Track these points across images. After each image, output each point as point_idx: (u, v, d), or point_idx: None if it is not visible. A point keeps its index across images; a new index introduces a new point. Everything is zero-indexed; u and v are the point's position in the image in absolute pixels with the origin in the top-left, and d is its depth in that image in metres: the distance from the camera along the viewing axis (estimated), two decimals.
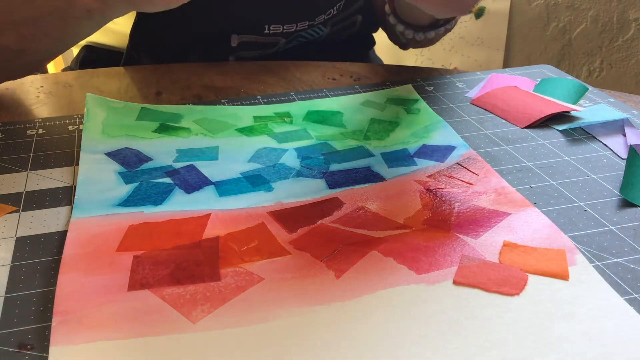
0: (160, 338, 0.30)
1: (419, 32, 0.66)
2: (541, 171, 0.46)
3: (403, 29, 0.65)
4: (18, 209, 0.41)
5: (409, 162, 0.47)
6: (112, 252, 0.36)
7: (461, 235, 0.38)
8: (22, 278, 0.35)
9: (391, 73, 0.65)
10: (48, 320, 0.32)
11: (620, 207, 0.41)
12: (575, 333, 0.31)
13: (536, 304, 0.33)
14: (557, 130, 0.52)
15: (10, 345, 0.30)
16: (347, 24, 0.74)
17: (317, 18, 0.70)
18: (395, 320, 0.31)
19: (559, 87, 0.58)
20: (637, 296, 0.33)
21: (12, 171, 0.46)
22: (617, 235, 0.38)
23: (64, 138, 0.50)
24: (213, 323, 0.31)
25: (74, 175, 0.45)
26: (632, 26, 1.71)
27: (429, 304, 0.33)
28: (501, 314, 0.32)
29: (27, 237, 0.38)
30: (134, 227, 0.38)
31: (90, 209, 0.40)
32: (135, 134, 0.50)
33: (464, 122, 0.53)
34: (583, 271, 0.35)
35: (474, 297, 0.33)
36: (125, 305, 0.32)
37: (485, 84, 0.60)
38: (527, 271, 0.35)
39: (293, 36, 0.69)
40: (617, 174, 0.45)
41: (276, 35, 0.68)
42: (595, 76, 1.83)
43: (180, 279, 0.34)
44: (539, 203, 0.42)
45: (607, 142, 0.50)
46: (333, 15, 0.71)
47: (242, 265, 0.35)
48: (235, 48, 0.67)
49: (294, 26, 0.68)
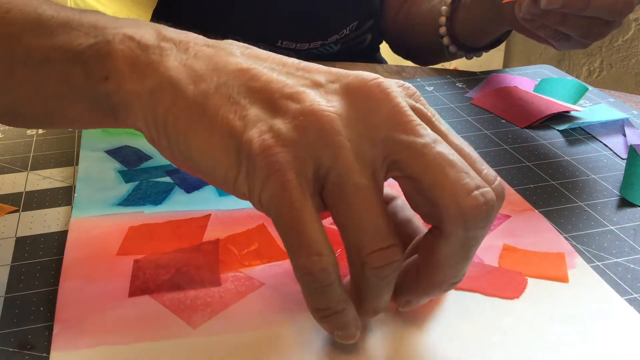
0: (160, 343, 0.30)
1: (470, 53, 0.67)
2: (541, 171, 0.46)
3: (456, 50, 0.66)
4: (18, 209, 0.41)
5: None
6: (113, 255, 0.36)
7: None
8: (22, 278, 0.35)
9: (391, 73, 0.65)
10: (48, 320, 0.32)
11: (620, 207, 0.41)
12: (575, 334, 0.31)
13: (536, 307, 0.32)
14: (557, 130, 0.52)
15: (10, 345, 0.30)
16: (357, 42, 0.75)
17: (329, 38, 0.70)
18: (395, 325, 0.31)
19: (559, 87, 0.58)
20: (637, 296, 0.33)
21: (12, 171, 0.46)
22: (617, 235, 0.38)
23: (64, 138, 0.50)
24: (213, 328, 0.31)
25: (74, 175, 0.45)
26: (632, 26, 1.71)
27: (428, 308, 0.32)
28: (501, 318, 0.32)
29: (27, 237, 0.38)
30: (134, 229, 0.38)
31: (90, 209, 0.40)
32: (135, 132, 0.50)
33: (464, 122, 0.53)
34: (582, 274, 0.35)
35: (474, 301, 0.33)
36: (126, 311, 0.32)
37: (485, 84, 0.60)
38: (527, 275, 0.35)
39: (304, 53, 0.70)
40: (617, 174, 0.45)
41: (288, 50, 0.69)
42: (595, 76, 1.83)
43: (181, 284, 0.34)
44: (538, 203, 0.41)
45: (607, 142, 0.50)
46: (345, 35, 0.72)
47: (242, 269, 0.35)
48: None
49: (306, 45, 0.69)
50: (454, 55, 0.67)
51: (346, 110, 0.26)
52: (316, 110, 0.25)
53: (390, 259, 0.26)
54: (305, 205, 0.24)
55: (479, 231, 0.26)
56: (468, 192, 0.25)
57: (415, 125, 0.26)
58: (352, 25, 0.72)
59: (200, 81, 0.26)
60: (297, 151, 0.25)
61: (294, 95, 0.26)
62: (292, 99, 0.26)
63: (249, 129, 0.25)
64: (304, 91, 0.26)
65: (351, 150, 0.25)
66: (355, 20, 0.72)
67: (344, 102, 0.26)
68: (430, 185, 0.26)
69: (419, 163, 0.26)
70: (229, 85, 0.26)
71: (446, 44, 0.66)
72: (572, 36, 0.49)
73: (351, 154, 0.25)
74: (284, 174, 0.24)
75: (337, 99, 0.26)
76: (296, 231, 0.25)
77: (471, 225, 0.25)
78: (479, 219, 0.25)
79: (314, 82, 0.27)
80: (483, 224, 0.26)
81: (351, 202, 0.25)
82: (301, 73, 0.27)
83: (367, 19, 0.74)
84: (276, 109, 0.26)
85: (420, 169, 0.26)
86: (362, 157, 0.25)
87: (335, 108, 0.26)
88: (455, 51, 0.66)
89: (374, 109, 0.26)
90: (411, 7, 0.74)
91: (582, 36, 0.48)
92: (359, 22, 0.72)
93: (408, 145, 0.26)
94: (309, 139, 0.25)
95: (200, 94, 0.26)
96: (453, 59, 0.70)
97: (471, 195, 0.25)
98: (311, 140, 0.25)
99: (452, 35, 0.65)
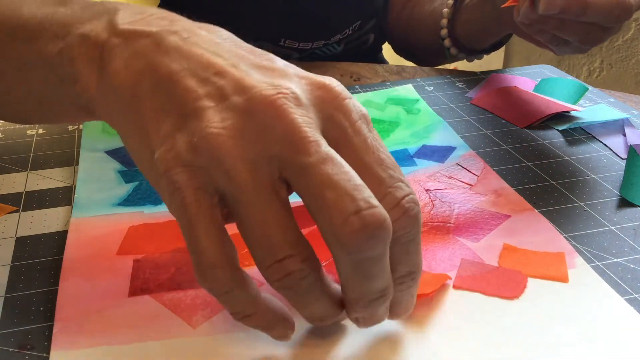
0: (160, 343, 0.30)
1: (471, 55, 0.67)
2: (541, 171, 0.46)
3: (457, 52, 0.66)
4: (18, 209, 0.41)
5: (409, 162, 0.47)
6: (113, 255, 0.36)
7: (461, 239, 0.38)
8: (22, 278, 0.35)
9: (391, 73, 0.65)
10: (48, 320, 0.32)
11: (620, 207, 0.41)
12: (575, 334, 0.31)
13: (536, 307, 0.32)
14: (557, 130, 0.52)
15: (10, 345, 0.30)
16: (360, 42, 0.75)
17: (332, 38, 0.70)
18: (394, 324, 0.31)
19: (559, 87, 0.58)
20: (637, 296, 0.33)
21: (12, 171, 0.46)
22: (617, 235, 0.38)
23: (64, 138, 0.50)
24: (213, 328, 0.31)
25: (74, 175, 0.45)
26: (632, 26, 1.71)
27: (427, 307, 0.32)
28: (501, 317, 0.32)
29: (27, 237, 0.38)
30: (134, 229, 0.38)
31: (90, 209, 0.40)
32: None
33: (464, 122, 0.53)
34: (582, 274, 0.35)
35: (474, 301, 0.33)
36: (126, 310, 0.32)
37: (485, 84, 0.60)
38: (527, 274, 0.35)
39: (307, 52, 0.70)
40: (617, 174, 0.45)
41: (291, 49, 0.69)
42: (595, 76, 1.83)
43: (181, 284, 0.34)
44: (538, 203, 0.41)
45: (607, 142, 0.50)
46: (348, 34, 0.72)
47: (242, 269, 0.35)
48: None
49: (309, 44, 0.69)
50: (455, 57, 0.68)
51: (243, 127, 0.26)
52: (207, 134, 0.25)
53: (286, 271, 0.25)
54: (200, 221, 0.25)
55: (369, 252, 0.25)
56: (344, 217, 0.24)
57: (307, 143, 0.25)
58: (354, 25, 0.72)
59: (136, 85, 0.28)
60: (195, 171, 0.25)
61: (196, 111, 0.26)
62: (194, 114, 0.26)
63: (159, 146, 0.26)
64: (204, 107, 0.26)
65: (244, 170, 0.25)
66: (358, 20, 0.72)
67: (242, 118, 0.26)
68: (310, 207, 0.25)
69: (301, 183, 0.25)
70: (157, 91, 0.27)
71: (447, 46, 0.66)
72: (571, 41, 0.49)
73: (243, 174, 0.25)
74: (182, 192, 0.25)
75: (234, 116, 0.26)
76: (192, 245, 0.26)
77: (352, 250, 0.25)
78: (359, 244, 0.24)
79: (220, 94, 0.27)
80: (369, 246, 0.25)
81: (245, 219, 0.25)
82: (216, 79, 0.27)
83: (369, 19, 0.74)
84: (183, 122, 0.26)
85: (302, 189, 0.25)
86: (257, 175, 0.25)
87: (227, 130, 0.25)
88: (457, 53, 0.67)
89: (269, 125, 0.26)
90: (413, 8, 0.74)
91: (581, 41, 0.48)
92: (361, 22, 0.72)
93: (294, 165, 0.25)
94: (203, 161, 0.25)
95: (135, 101, 0.28)
96: (454, 61, 0.70)
97: (347, 221, 0.24)
98: (204, 161, 0.25)
99: (454, 38, 0.65)
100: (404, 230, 0.26)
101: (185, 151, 0.25)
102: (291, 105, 0.26)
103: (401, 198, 0.26)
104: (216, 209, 0.26)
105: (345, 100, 0.28)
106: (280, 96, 0.26)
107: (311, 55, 0.71)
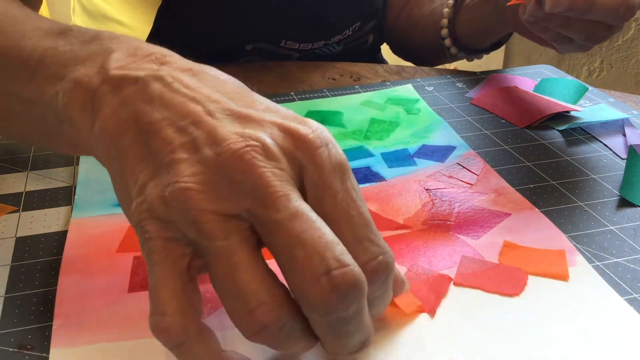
0: None
1: (471, 55, 0.67)
2: (541, 171, 0.46)
3: (457, 52, 0.67)
4: (18, 209, 0.41)
5: (409, 162, 0.47)
6: (112, 253, 0.36)
7: (461, 236, 0.38)
8: (22, 278, 0.35)
9: (391, 73, 0.65)
10: (48, 320, 0.32)
11: (620, 207, 0.41)
12: (575, 333, 0.31)
13: (536, 304, 0.33)
14: (557, 130, 0.52)
15: (10, 345, 0.30)
16: (360, 42, 0.75)
17: (332, 38, 0.71)
18: (395, 322, 0.31)
19: (559, 87, 0.58)
20: (637, 296, 0.33)
21: (12, 171, 0.46)
22: (617, 235, 0.38)
23: None
24: (213, 325, 0.31)
25: (74, 175, 0.45)
26: (632, 26, 1.71)
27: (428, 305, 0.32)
28: (501, 314, 0.32)
29: (27, 237, 0.38)
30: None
31: (90, 209, 0.40)
32: None
33: (464, 122, 0.53)
34: (583, 272, 0.35)
35: (474, 298, 0.33)
36: (126, 307, 0.32)
37: (485, 84, 0.60)
38: (527, 272, 0.35)
39: (307, 52, 0.70)
40: (617, 174, 0.45)
41: (291, 50, 0.69)
42: (595, 76, 1.83)
43: None
44: (539, 203, 0.42)
45: (607, 142, 0.50)
46: (348, 35, 0.72)
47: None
48: (249, 52, 0.67)
49: (309, 45, 0.70)
50: (455, 57, 0.68)
51: (213, 181, 0.25)
52: (177, 189, 0.25)
53: (261, 324, 0.24)
54: (161, 270, 0.25)
55: (343, 313, 0.24)
56: (314, 277, 0.23)
57: (276, 198, 0.25)
58: (354, 26, 0.72)
59: (121, 135, 0.28)
60: (165, 223, 0.26)
61: (170, 163, 0.26)
62: (168, 166, 0.26)
63: (135, 197, 0.26)
64: (178, 160, 0.26)
65: (213, 221, 0.25)
66: (358, 20, 0.72)
67: (213, 171, 0.26)
68: (280, 266, 0.25)
69: (270, 240, 0.25)
70: (138, 141, 0.27)
71: (448, 45, 0.66)
72: (574, 39, 0.49)
73: (212, 224, 0.25)
74: (151, 242, 0.26)
75: (205, 170, 0.26)
76: (151, 291, 0.25)
77: (323, 312, 0.24)
78: (330, 305, 0.24)
79: (194, 145, 0.26)
80: (343, 307, 0.24)
81: (214, 270, 0.25)
82: (192, 129, 0.27)
83: (369, 20, 0.74)
84: (157, 174, 0.26)
85: (272, 246, 0.25)
86: (226, 227, 0.25)
87: (197, 184, 0.25)
88: (457, 53, 0.67)
89: (238, 180, 0.25)
90: (413, 8, 0.74)
91: (584, 39, 0.48)
92: (361, 23, 0.73)
93: (264, 221, 0.25)
94: (173, 214, 0.25)
95: (120, 150, 0.28)
96: (454, 61, 0.70)
97: (317, 282, 0.23)
98: (174, 216, 0.25)
99: (454, 37, 0.65)
100: (369, 291, 0.26)
101: (157, 205, 0.26)
102: (259, 158, 0.25)
103: (366, 262, 0.26)
104: (184, 260, 0.26)
105: (318, 150, 0.27)
106: (248, 149, 0.26)
107: (311, 55, 0.72)
